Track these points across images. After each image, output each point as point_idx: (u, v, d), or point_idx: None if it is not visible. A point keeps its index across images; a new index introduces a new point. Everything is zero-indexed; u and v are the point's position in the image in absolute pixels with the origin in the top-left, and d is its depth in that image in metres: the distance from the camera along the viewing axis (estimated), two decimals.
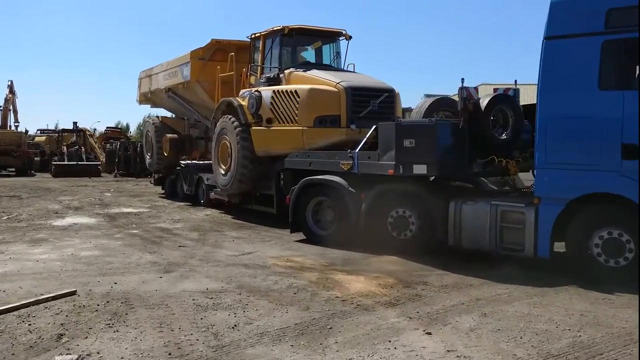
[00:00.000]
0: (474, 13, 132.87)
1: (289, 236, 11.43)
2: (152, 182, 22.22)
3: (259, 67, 14.17)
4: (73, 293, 7.19)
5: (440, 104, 10.14)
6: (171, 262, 9.09)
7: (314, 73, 12.80)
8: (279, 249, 10.43)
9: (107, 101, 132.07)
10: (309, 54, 14.54)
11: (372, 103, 11.95)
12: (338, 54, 14.24)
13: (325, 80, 12.21)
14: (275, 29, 13.60)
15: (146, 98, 21.13)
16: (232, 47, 16.03)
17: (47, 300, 6.88)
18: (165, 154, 18.78)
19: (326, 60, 14.24)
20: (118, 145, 33.96)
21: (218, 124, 14.40)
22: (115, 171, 33.35)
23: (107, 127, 53.52)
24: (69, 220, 14.04)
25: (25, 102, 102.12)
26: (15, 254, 9.67)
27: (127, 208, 16.85)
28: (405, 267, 8.82)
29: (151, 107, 21.77)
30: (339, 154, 10.64)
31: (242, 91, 14.00)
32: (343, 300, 6.96)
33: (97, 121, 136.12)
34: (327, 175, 10.71)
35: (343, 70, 13.41)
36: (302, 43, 13.99)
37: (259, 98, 12.93)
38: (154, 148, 19.55)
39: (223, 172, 14.13)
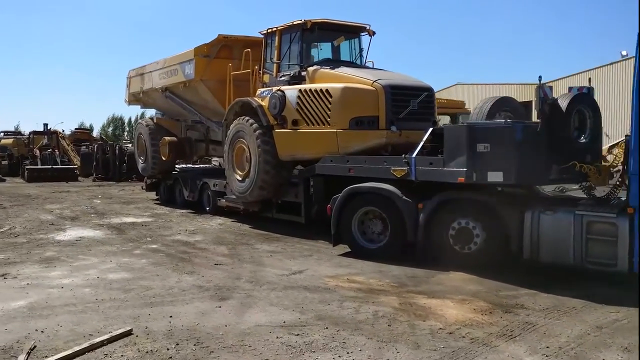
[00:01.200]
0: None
1: (329, 249, 10.44)
2: (143, 187, 20.76)
3: (274, 65, 12.88)
4: (129, 333, 6.00)
5: (501, 105, 9.17)
6: (219, 286, 7.91)
7: (344, 70, 11.73)
8: (328, 265, 9.34)
9: (69, 101, 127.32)
10: (323, 51, 13.40)
11: (411, 103, 10.92)
12: (361, 50, 13.07)
13: (360, 78, 11.15)
14: (295, 23, 12.44)
15: (136, 98, 19.68)
16: (239, 44, 14.85)
17: (102, 344, 5.62)
18: (164, 158, 17.40)
19: (347, 57, 13.12)
20: (96, 148, 32.07)
21: (232, 126, 13.21)
22: (94, 175, 31.46)
23: (75, 128, 51.22)
24: (71, 233, 12.66)
25: None
26: (32, 278, 8.38)
27: (127, 217, 15.51)
28: (484, 285, 7.86)
29: (141, 107, 20.34)
30: (389, 159, 9.62)
31: (259, 90, 12.85)
32: (449, 333, 5.96)
33: (60, 122, 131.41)
34: (377, 183, 9.66)
35: (372, 68, 12.28)
36: (324, 38, 12.86)
37: (282, 98, 11.80)
38: (149, 151, 18.22)
39: (239, 178, 12.98)
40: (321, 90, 11.19)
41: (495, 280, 8.07)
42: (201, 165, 22.02)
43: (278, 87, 12.11)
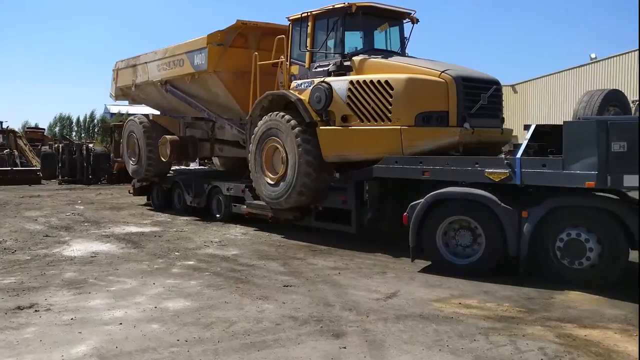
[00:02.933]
0: None
1: (397, 263, 9.42)
2: (130, 191, 18.84)
3: (307, 54, 11.51)
4: None
5: (610, 99, 8.08)
6: (316, 317, 6.59)
7: (401, 60, 10.55)
8: (417, 285, 8.08)
9: (8, 100, 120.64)
10: (351, 39, 11.83)
11: (482, 97, 9.76)
12: (404, 39, 11.88)
13: (424, 68, 9.94)
14: (336, 7, 11.07)
15: (124, 93, 17.96)
16: (257, 31, 13.49)
17: None
18: (163, 159, 15.75)
19: (381, 45, 11.74)
20: (61, 148, 29.68)
21: (261, 123, 11.76)
22: (59, 178, 29.13)
23: (27, 128, 48.11)
24: (79, 247, 11.01)
25: None
26: (72, 311, 6.83)
27: (128, 226, 13.85)
28: (621, 308, 6.85)
29: (130, 103, 18.53)
30: (481, 160, 8.36)
31: (294, 83, 11.48)
32: None
33: (4, 120, 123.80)
34: (468, 188, 8.47)
35: (424, 59, 10.97)
36: (366, 24, 11.44)
37: (328, 91, 10.46)
38: (143, 152, 16.52)
39: (271, 182, 11.58)
40: (379, 81, 9.92)
41: (623, 300, 7.07)
42: (197, 167, 20.32)
43: (321, 79, 10.75)
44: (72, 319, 6.53)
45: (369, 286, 7.92)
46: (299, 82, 11.29)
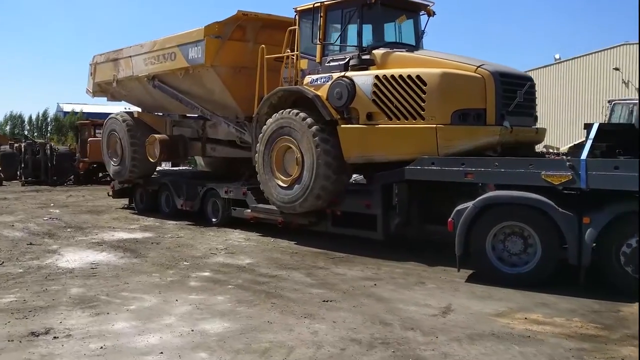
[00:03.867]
0: None
1: (432, 272, 8.95)
2: (109, 193, 17.90)
3: (318, 48, 10.87)
4: None
5: None
6: (380, 339, 6.00)
7: (426, 54, 10.05)
8: (467, 297, 7.57)
9: None
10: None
11: (518, 94, 9.32)
12: (422, 33, 11.31)
13: (458, 63, 9.41)
14: None
15: (103, 89, 16.94)
16: (256, 24, 12.74)
17: None
18: (151, 159, 14.86)
19: (392, 38, 11.05)
20: (23, 148, 28.15)
21: (271, 121, 11.06)
22: (22, 179, 27.69)
23: None
24: (73, 257, 10.16)
25: None
26: (97, 337, 6.03)
27: (117, 232, 13.03)
28: None
29: (108, 100, 17.49)
30: (536, 162, 7.90)
31: (310, 77, 10.82)
32: None
33: None
34: (521, 192, 7.93)
35: (453, 54, 10.38)
36: (384, 16, 10.82)
37: (351, 86, 9.82)
38: (127, 151, 15.57)
39: (283, 185, 10.90)
40: (409, 76, 9.35)
41: None
42: (183, 168, 19.34)
43: (340, 74, 10.10)
44: (101, 347, 5.74)
45: (415, 299, 7.41)
46: (314, 77, 10.65)
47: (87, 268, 9.23)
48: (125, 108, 18.51)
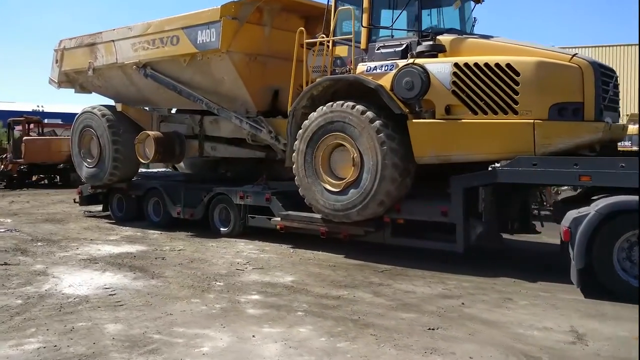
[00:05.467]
0: None
1: (521, 287, 8.04)
2: (76, 200, 15.57)
3: (363, 32, 9.66)
4: None
5: None
6: None
7: (506, 41, 8.88)
8: (587, 316, 6.72)
9: None
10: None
11: (610, 87, 8.47)
12: (474, 20, 10.24)
13: (550, 52, 8.39)
14: None
15: (71, 79, 14.84)
16: (276, 5, 11.42)
17: None
18: (143, 160, 12.96)
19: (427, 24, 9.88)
20: None
21: (316, 115, 9.69)
22: None
23: None
24: (75, 280, 8.51)
25: None
26: None
27: (101, 245, 11.34)
28: None
29: (76, 91, 15.22)
30: None
31: (365, 65, 9.51)
32: None
33: None
34: None
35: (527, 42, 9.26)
36: (441, 1, 9.84)
37: (424, 75, 8.59)
38: (107, 151, 13.60)
39: (335, 189, 9.54)
40: (498, 64, 8.25)
41: None
42: (162, 170, 17.32)
43: (409, 61, 8.89)
44: None
45: (526, 321, 6.55)
46: (371, 64, 9.38)
47: (104, 295, 7.63)
48: (37, 106, 16.14)
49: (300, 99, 9.93)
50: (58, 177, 25.94)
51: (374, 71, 9.27)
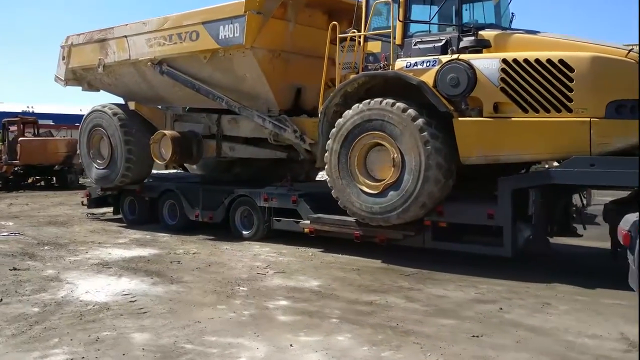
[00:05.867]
0: None
1: (555, 290, 7.77)
2: (84, 202, 15.04)
3: (399, 27, 9.26)
4: None
5: None
6: None
7: (551, 35, 8.57)
8: (627, 321, 6.38)
9: None
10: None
11: None
12: (512, 14, 9.81)
13: (604, 46, 8.02)
14: None
15: (79, 76, 14.28)
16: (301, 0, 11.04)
17: None
18: (159, 162, 12.46)
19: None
20: None
21: (352, 113, 9.25)
22: None
23: None
24: (90, 286, 8.06)
25: None
26: None
27: (111, 249, 10.87)
28: None
29: (84, 89, 14.65)
30: None
31: (405, 60, 9.09)
32: None
33: None
34: None
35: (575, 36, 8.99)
36: None
37: (470, 71, 8.24)
38: (119, 152, 13.06)
39: (373, 191, 9.13)
40: (549, 60, 7.90)
41: None
42: (172, 171, 16.69)
43: (452, 57, 8.56)
44: None
45: (573, 327, 6.31)
46: (411, 60, 9.01)
47: (124, 301, 7.30)
48: (27, 107, 15.38)
49: (333, 96, 9.60)
50: (55, 178, 25.34)
51: (415, 67, 8.91)
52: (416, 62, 8.91)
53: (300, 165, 12.99)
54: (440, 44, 8.89)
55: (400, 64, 9.09)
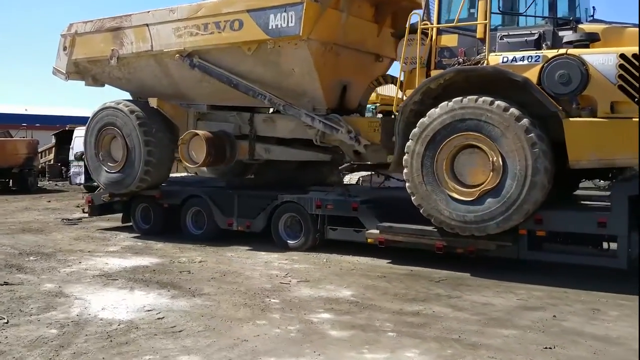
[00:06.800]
0: None
1: (588, 295, 7.63)
2: (85, 210, 13.82)
3: (481, 18, 8.78)
4: None
5: None
6: None
7: None
8: None
9: None
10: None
11: None
12: (593, 8, 9.49)
13: None
14: None
15: (83, 69, 12.99)
16: None
17: None
18: (190, 165, 11.57)
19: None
20: None
21: (440, 112, 8.63)
22: None
23: None
24: (103, 301, 7.33)
25: None
26: None
27: (106, 258, 10.10)
28: None
29: (87, 84, 13.38)
30: None
31: (502, 55, 8.56)
32: None
33: None
34: None
35: None
36: None
37: (583, 67, 7.82)
38: (136, 154, 11.85)
39: (465, 198, 8.54)
40: None
41: None
42: (185, 175, 15.80)
43: (563, 51, 8.10)
44: None
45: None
46: (509, 55, 8.49)
47: (151, 319, 6.70)
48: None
49: (414, 93, 9.04)
50: (11, 181, 24.00)
51: (514, 62, 8.40)
52: (514, 57, 8.45)
53: (328, 168, 12.65)
54: (533, 38, 8.54)
55: (494, 59, 8.62)
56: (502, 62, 8.55)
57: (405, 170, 9.04)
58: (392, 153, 9.56)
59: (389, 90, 15.96)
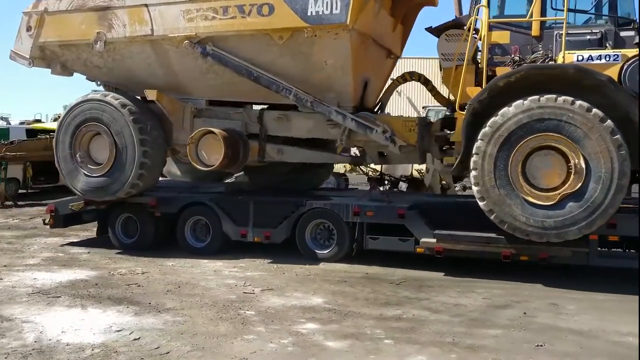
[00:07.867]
0: None
1: (613, 300, 7.84)
2: (47, 222, 11.71)
3: (536, 15, 8.91)
4: None
5: None
6: None
7: None
8: None
9: None
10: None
11: None
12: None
13: None
14: None
15: (51, 55, 11.15)
16: None
17: None
18: (203, 168, 10.03)
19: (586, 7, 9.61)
20: None
21: (514, 111, 8.21)
22: None
23: None
24: (62, 323, 6.61)
25: None
26: None
27: (30, 271, 9.13)
28: None
29: (53, 73, 11.57)
30: None
31: (578, 54, 8.44)
32: None
33: None
34: None
35: None
36: None
37: None
38: (129, 154, 10.35)
39: (542, 202, 8.19)
40: None
41: None
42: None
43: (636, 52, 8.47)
44: None
45: (611, 328, 6.67)
46: (584, 54, 8.38)
47: (126, 340, 6.20)
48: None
49: (484, 91, 8.65)
50: None
51: (589, 61, 8.36)
52: (590, 56, 8.48)
53: (325, 171, 12.70)
54: (596, 37, 8.81)
55: (570, 57, 8.59)
56: (577, 60, 8.52)
57: (474, 173, 8.60)
58: (425, 155, 9.76)
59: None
